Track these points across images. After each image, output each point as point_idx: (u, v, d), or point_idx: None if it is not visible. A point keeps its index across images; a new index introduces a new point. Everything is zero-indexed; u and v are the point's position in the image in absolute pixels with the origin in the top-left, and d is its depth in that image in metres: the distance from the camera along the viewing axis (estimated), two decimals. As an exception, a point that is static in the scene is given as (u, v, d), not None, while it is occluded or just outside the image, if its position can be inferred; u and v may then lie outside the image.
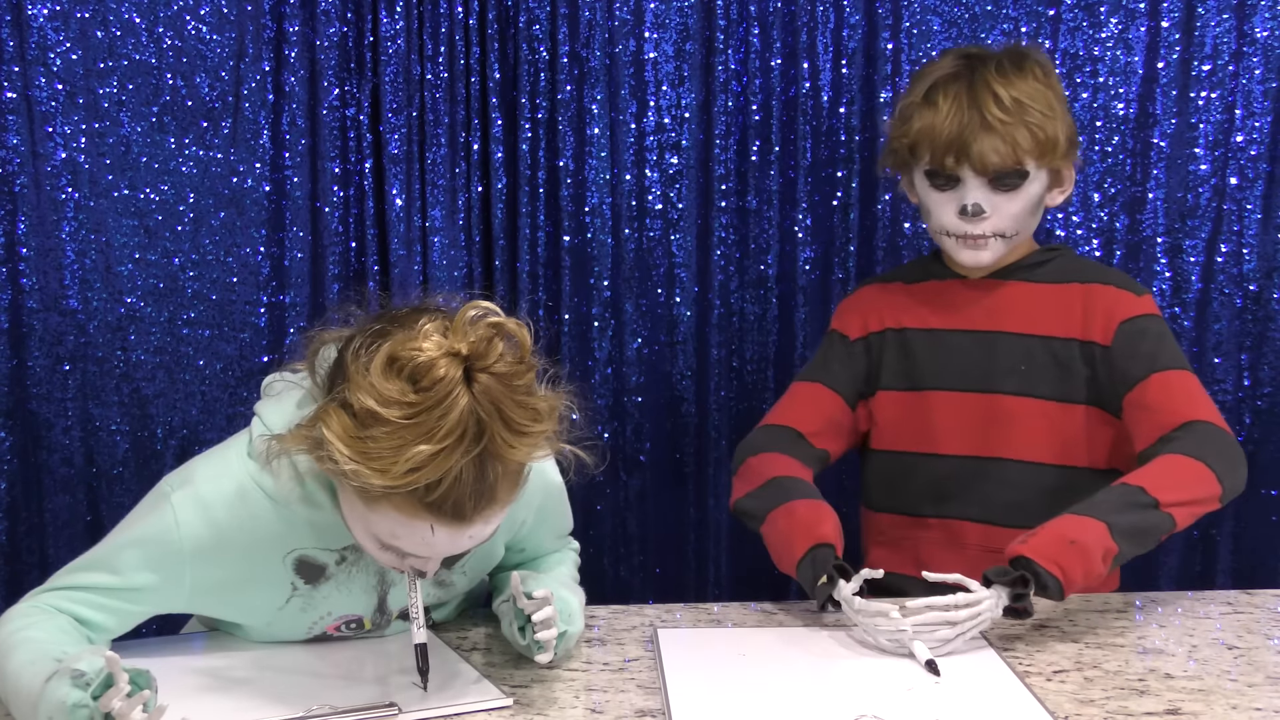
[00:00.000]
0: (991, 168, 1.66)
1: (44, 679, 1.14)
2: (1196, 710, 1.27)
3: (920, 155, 1.71)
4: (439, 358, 1.10)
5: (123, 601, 1.30)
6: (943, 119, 1.67)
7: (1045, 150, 1.67)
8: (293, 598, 1.35)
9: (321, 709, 1.24)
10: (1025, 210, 1.70)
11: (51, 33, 1.95)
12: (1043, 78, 1.69)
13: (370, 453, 1.10)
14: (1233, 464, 1.58)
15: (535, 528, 1.46)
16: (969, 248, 1.71)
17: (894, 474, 1.81)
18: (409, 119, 2.04)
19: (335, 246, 2.06)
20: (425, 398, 1.09)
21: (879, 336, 1.80)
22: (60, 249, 2.00)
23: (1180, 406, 1.61)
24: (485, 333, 1.13)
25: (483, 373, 1.12)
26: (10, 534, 2.03)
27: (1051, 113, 1.67)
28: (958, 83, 1.68)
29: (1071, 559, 1.43)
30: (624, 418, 2.17)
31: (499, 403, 1.12)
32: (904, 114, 1.73)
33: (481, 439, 1.11)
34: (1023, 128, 1.65)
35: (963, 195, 1.68)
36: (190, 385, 2.06)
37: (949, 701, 1.28)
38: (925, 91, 1.70)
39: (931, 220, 1.74)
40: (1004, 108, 1.65)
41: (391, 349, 1.11)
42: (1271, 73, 2.08)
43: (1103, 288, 1.72)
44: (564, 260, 2.11)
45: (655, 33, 2.09)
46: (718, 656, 1.41)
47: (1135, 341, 1.67)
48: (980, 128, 1.65)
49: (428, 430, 1.09)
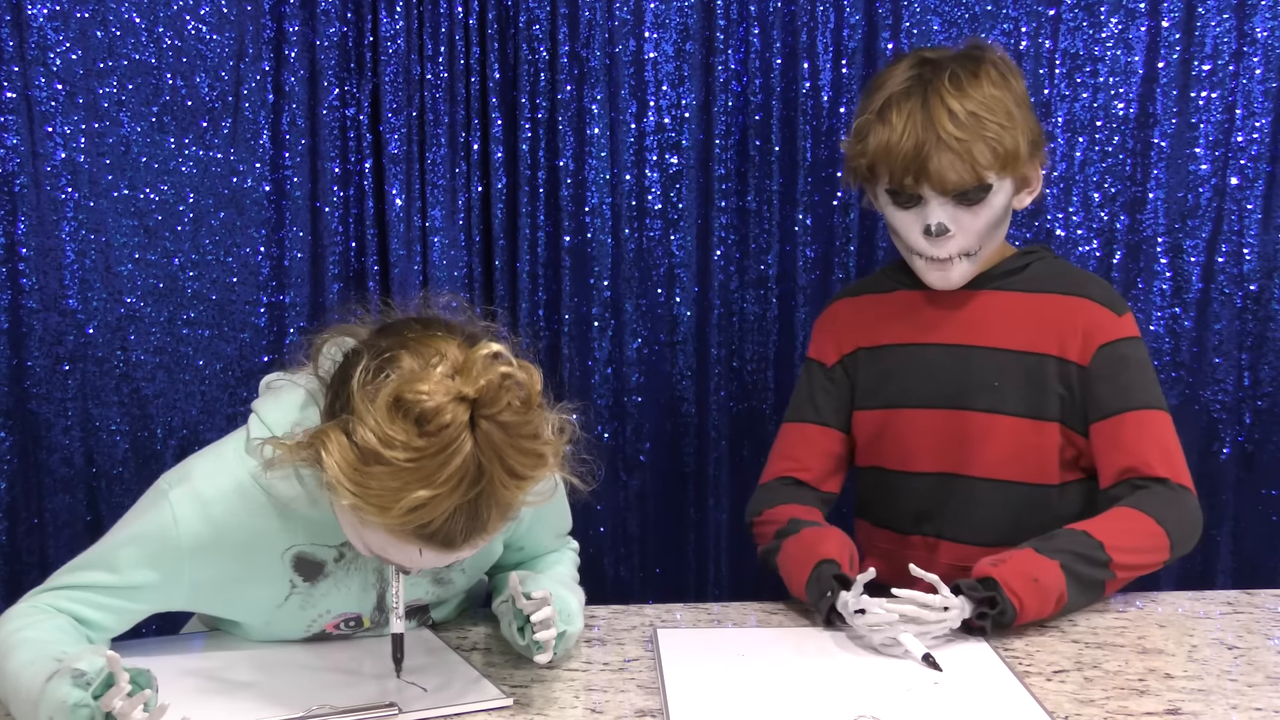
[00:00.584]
0: (952, 186, 1.61)
1: (44, 678, 1.14)
2: (1196, 710, 1.27)
3: (879, 174, 1.66)
4: (446, 403, 1.09)
5: (122, 600, 1.30)
6: (898, 138, 1.60)
7: (1007, 162, 1.61)
8: (291, 595, 1.35)
9: (321, 709, 1.24)
10: (991, 224, 1.65)
11: (51, 33, 1.95)
12: (999, 80, 1.62)
13: (371, 490, 1.10)
14: (1189, 532, 1.59)
15: (533, 526, 1.46)
16: (936, 269, 1.66)
17: (876, 490, 1.79)
18: (409, 119, 2.04)
19: (335, 246, 2.06)
20: (430, 443, 1.09)
21: (852, 358, 1.77)
22: (60, 249, 2.00)
23: (1152, 455, 1.60)
24: (495, 379, 1.11)
25: (487, 419, 1.11)
26: (10, 534, 2.03)
27: (1010, 121, 1.60)
28: (910, 99, 1.61)
29: (1032, 596, 1.47)
30: (624, 418, 2.17)
31: (501, 450, 1.11)
32: (859, 131, 1.67)
33: (480, 482, 1.11)
34: (980, 142, 1.59)
35: (926, 214, 1.63)
36: (190, 385, 2.06)
37: (948, 702, 1.28)
38: (879, 108, 1.63)
39: (898, 239, 1.70)
40: (959, 123, 1.58)
41: (398, 388, 1.10)
42: (1271, 73, 2.08)
43: (1083, 303, 1.67)
44: (564, 260, 2.11)
45: (655, 33, 2.09)
46: (717, 656, 1.41)
47: (1115, 369, 1.64)
48: (937, 146, 1.58)
49: (429, 475, 1.09)
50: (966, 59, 1.64)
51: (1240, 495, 2.19)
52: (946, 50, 1.69)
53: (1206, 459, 2.18)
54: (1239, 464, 2.18)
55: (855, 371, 1.77)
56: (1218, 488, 2.18)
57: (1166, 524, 1.56)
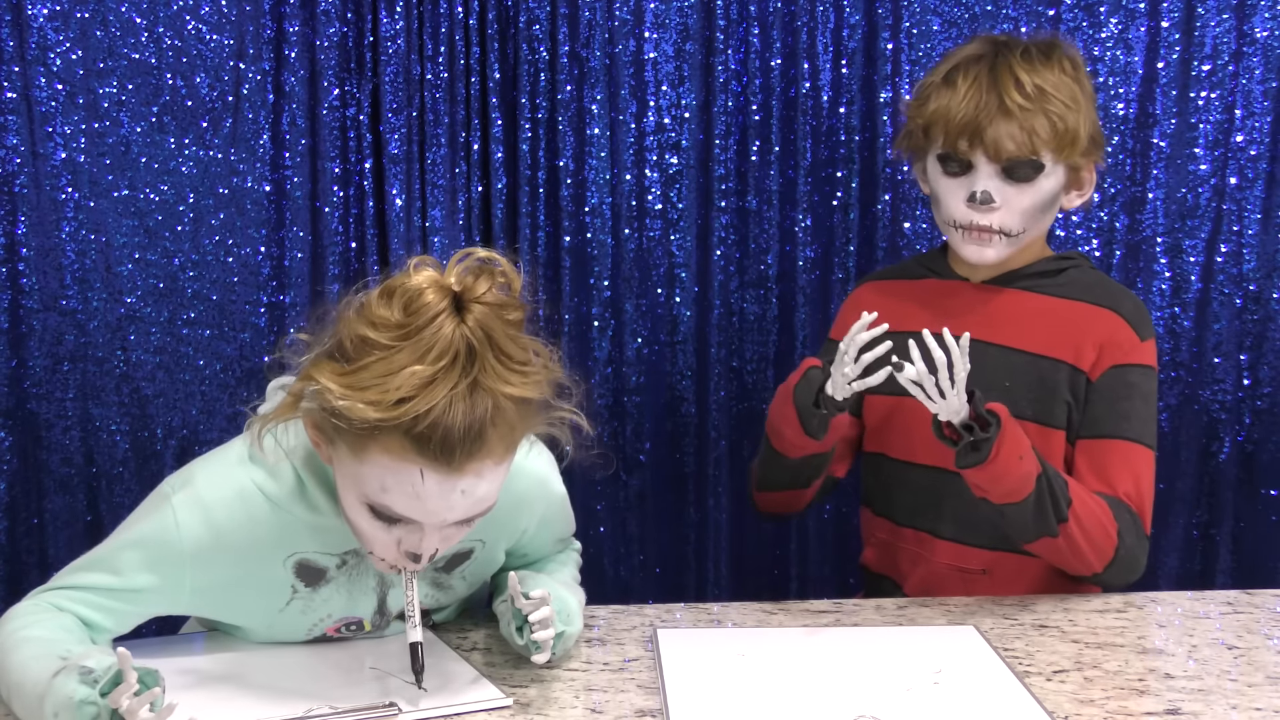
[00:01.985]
0: (1005, 155, 1.60)
1: (50, 675, 1.14)
2: (1196, 710, 1.27)
3: (934, 138, 1.65)
4: (428, 287, 1.14)
5: (122, 602, 1.30)
6: (960, 100, 1.61)
7: (1064, 143, 1.60)
8: (293, 600, 1.35)
9: (321, 709, 1.24)
10: (1036, 206, 1.64)
11: (51, 33, 1.95)
12: (1071, 71, 1.63)
13: (362, 381, 1.12)
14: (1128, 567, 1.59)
15: (537, 535, 1.46)
16: (974, 241, 1.65)
17: (878, 478, 1.79)
18: (409, 119, 2.04)
19: (335, 246, 2.06)
20: (415, 318, 1.13)
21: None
22: (60, 249, 1.99)
23: (1129, 489, 1.60)
24: (473, 268, 1.17)
25: (474, 303, 1.15)
26: (10, 534, 2.03)
27: (1075, 105, 1.61)
28: (979, 64, 1.63)
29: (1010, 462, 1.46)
30: (624, 418, 2.17)
31: (490, 330, 1.14)
32: (922, 94, 1.68)
33: (473, 368, 1.13)
34: (1042, 116, 1.59)
35: (973, 182, 1.63)
36: (190, 385, 2.06)
37: (948, 702, 1.28)
38: (946, 72, 1.65)
39: (940, 209, 1.68)
40: (1024, 93, 1.58)
41: (384, 284, 1.16)
42: (1271, 73, 2.08)
43: (1111, 316, 1.65)
44: (564, 260, 2.11)
45: (655, 33, 2.09)
46: (717, 656, 1.41)
47: (1119, 393, 1.62)
48: (997, 112, 1.59)
49: (419, 353, 1.11)
50: (1042, 44, 1.66)
51: (1240, 495, 2.18)
52: (1022, 37, 1.71)
53: (1206, 459, 2.18)
54: (1239, 464, 2.18)
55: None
56: (1218, 488, 2.18)
57: (1122, 536, 1.56)
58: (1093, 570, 1.58)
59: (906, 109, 1.72)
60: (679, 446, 2.20)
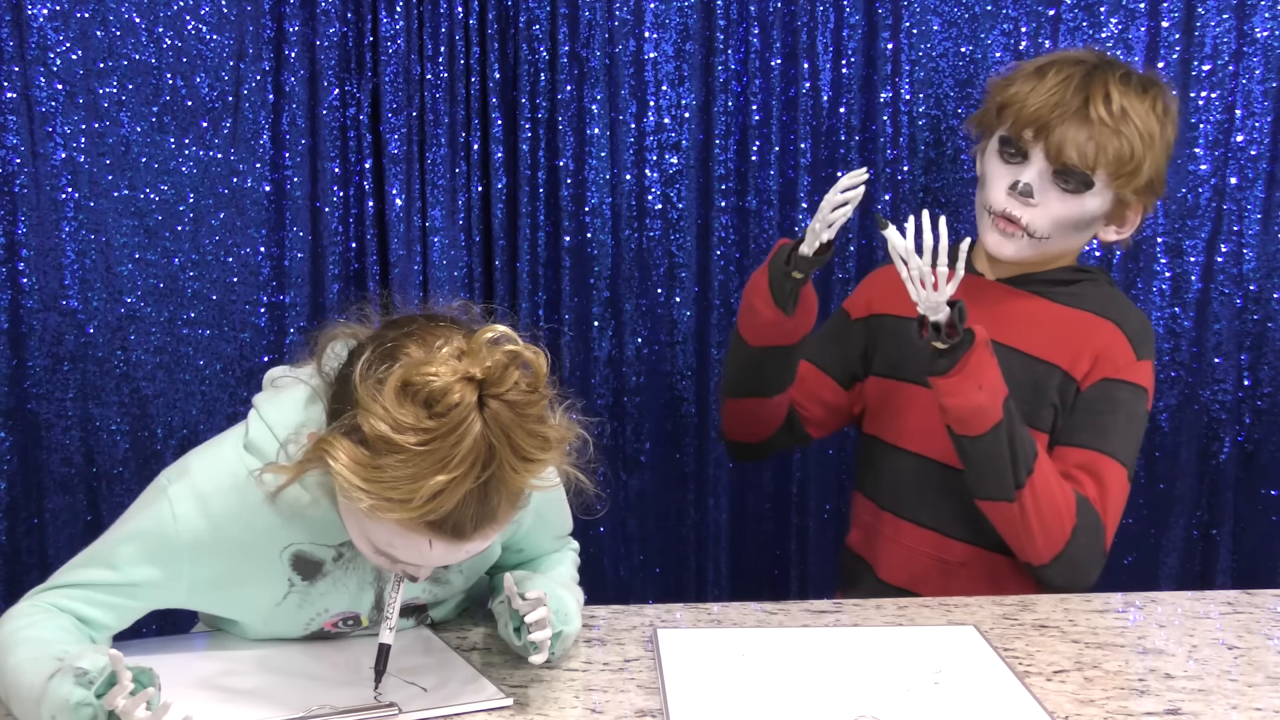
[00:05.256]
0: (1064, 159, 1.59)
1: (46, 677, 1.14)
2: (1196, 710, 1.27)
3: (1004, 119, 1.64)
4: (454, 383, 1.09)
5: (121, 597, 1.29)
6: (1043, 92, 1.59)
7: (1124, 170, 1.59)
8: (290, 594, 1.35)
9: (321, 709, 1.24)
10: (1071, 219, 1.62)
11: (51, 33, 1.95)
12: (1159, 113, 1.61)
13: (385, 484, 1.09)
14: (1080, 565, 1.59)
15: (534, 528, 1.46)
16: (999, 231, 1.64)
17: (868, 459, 1.80)
18: (409, 119, 2.05)
19: (335, 246, 2.06)
20: (441, 424, 1.08)
21: (878, 320, 1.79)
22: (60, 249, 2.00)
23: (1096, 496, 1.60)
24: (501, 359, 1.11)
25: (495, 399, 1.11)
26: (10, 534, 2.03)
27: (1150, 142, 1.59)
28: (1077, 67, 1.61)
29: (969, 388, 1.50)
30: (624, 418, 2.17)
31: (509, 430, 1.11)
32: (1010, 78, 1.67)
33: (490, 465, 1.11)
34: (1114, 136, 1.57)
35: (1022, 172, 1.62)
36: (190, 385, 2.06)
37: (948, 702, 1.28)
38: (1042, 64, 1.64)
39: (983, 192, 1.67)
40: (1109, 109, 1.57)
41: (405, 374, 1.10)
42: (1271, 73, 2.08)
43: (1112, 329, 1.65)
44: (564, 260, 2.11)
45: (655, 33, 2.09)
46: (717, 657, 1.40)
47: (1103, 407, 1.62)
48: (1074, 115, 1.58)
49: (442, 458, 1.09)
50: (1145, 79, 1.64)
51: (1240, 495, 2.19)
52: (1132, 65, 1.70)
53: (1206, 459, 2.18)
54: (1239, 464, 2.18)
55: (878, 334, 1.78)
56: (1218, 488, 2.18)
57: (1077, 533, 1.56)
58: (1040, 558, 1.58)
59: (990, 85, 1.72)
60: (679, 446, 2.20)
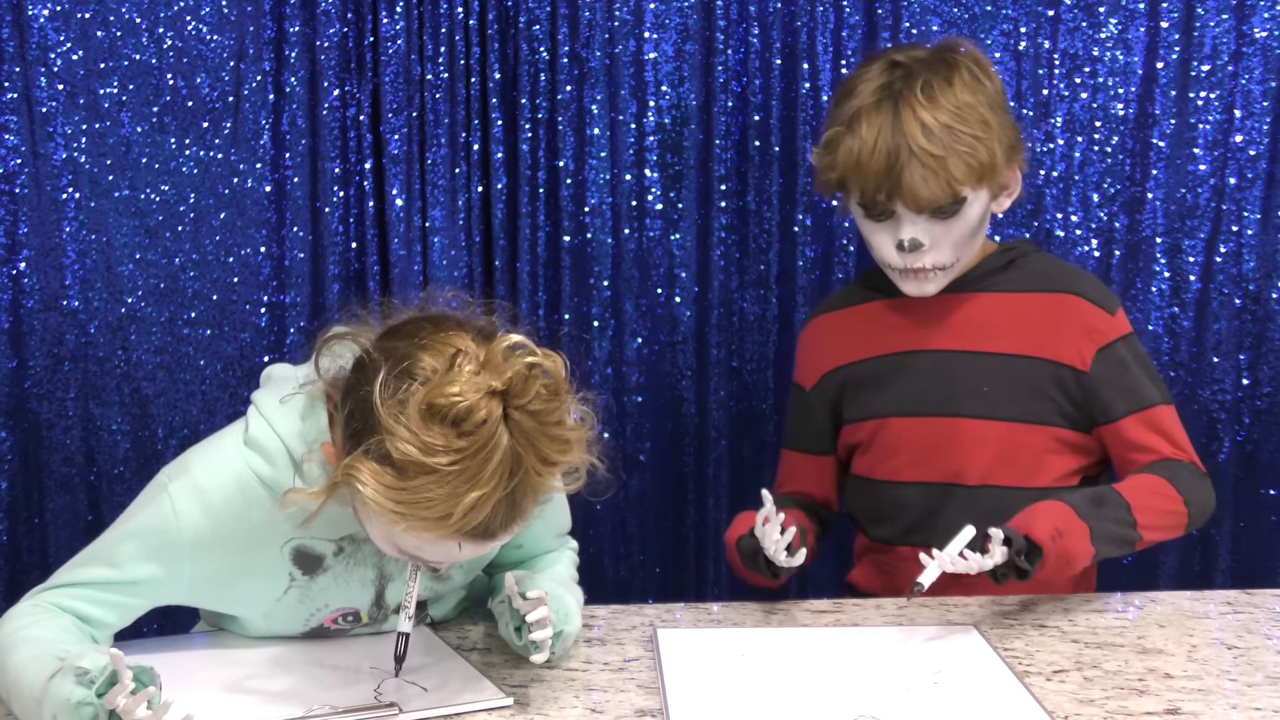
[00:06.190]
0: (925, 203, 1.55)
1: (47, 677, 1.14)
2: (1196, 710, 1.27)
3: (850, 189, 1.61)
4: (479, 400, 1.10)
5: (123, 595, 1.30)
6: (869, 152, 1.54)
7: (983, 174, 1.56)
8: (290, 589, 1.35)
9: (321, 709, 1.24)
10: (966, 235, 1.61)
11: (52, 33, 1.95)
12: (973, 84, 1.57)
13: (419, 505, 1.11)
14: (1202, 510, 1.64)
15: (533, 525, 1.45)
16: (912, 280, 1.63)
17: (865, 500, 1.77)
18: (409, 119, 2.05)
19: (335, 246, 2.06)
20: (471, 442, 1.10)
21: (830, 379, 1.75)
22: (61, 249, 2.00)
23: (1165, 449, 1.64)
24: (521, 370, 1.13)
25: (518, 410, 1.12)
26: (10, 534, 2.03)
27: (985, 130, 1.55)
28: (881, 112, 1.55)
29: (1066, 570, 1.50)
30: (624, 418, 2.17)
31: (533, 439, 1.13)
32: (829, 143, 1.61)
33: (518, 473, 1.13)
34: (954, 156, 1.53)
35: (899, 229, 1.59)
36: (191, 385, 2.06)
37: (948, 702, 1.29)
38: (849, 119, 1.58)
39: (872, 251, 1.66)
40: (932, 137, 1.52)
41: (429, 395, 1.10)
42: (1271, 73, 2.08)
43: (1075, 301, 1.64)
44: (564, 260, 2.11)
45: (655, 33, 2.09)
46: (717, 656, 1.41)
47: (1116, 373, 1.63)
48: (909, 161, 1.53)
49: (474, 475, 1.10)
50: (939, 63, 1.59)
51: (1239, 495, 2.18)
52: (918, 51, 1.63)
53: (1205, 459, 2.15)
54: (1238, 464, 2.18)
55: (835, 392, 1.75)
56: (1217, 488, 2.16)
57: (1185, 494, 1.60)
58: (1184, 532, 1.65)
59: (815, 157, 1.66)
60: (679, 446, 2.20)
